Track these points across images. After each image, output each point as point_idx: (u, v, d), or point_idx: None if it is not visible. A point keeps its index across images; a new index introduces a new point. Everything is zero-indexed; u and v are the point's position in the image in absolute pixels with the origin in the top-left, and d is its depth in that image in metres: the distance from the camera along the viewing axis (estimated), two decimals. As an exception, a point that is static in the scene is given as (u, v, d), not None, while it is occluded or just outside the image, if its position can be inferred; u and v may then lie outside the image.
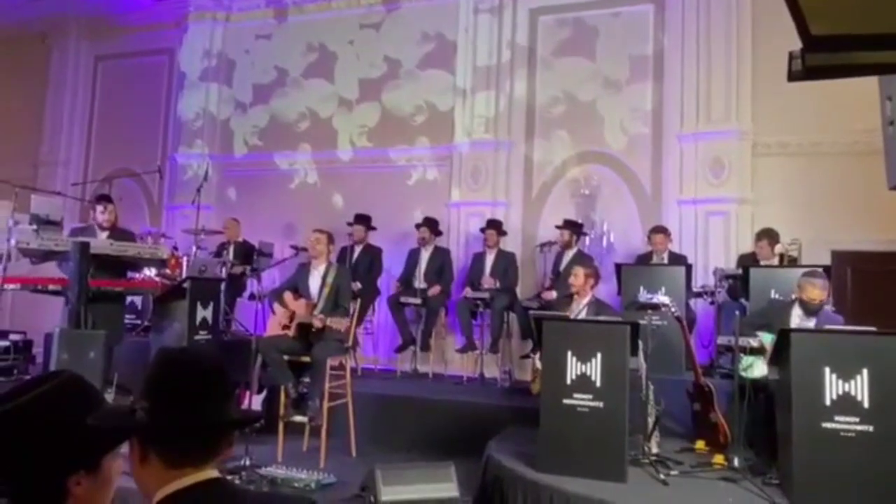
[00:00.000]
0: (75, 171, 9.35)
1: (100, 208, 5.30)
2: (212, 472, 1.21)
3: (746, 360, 3.99)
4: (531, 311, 4.80)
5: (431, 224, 6.83)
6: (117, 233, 5.37)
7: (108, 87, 9.65)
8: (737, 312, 4.02)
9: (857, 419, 3.20)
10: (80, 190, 7.60)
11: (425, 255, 6.73)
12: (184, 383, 1.20)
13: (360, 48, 8.34)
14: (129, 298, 5.96)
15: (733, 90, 6.73)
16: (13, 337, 5.84)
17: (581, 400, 3.53)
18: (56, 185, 8.42)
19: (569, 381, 3.57)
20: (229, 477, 3.76)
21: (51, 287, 4.66)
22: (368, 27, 8.34)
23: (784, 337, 3.48)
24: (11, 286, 4.61)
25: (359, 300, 5.60)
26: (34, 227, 4.64)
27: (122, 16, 9.21)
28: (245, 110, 8.85)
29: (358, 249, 6.89)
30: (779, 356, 3.56)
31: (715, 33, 6.83)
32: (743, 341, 4.01)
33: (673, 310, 4.24)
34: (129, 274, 5.27)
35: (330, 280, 5.12)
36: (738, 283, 5.43)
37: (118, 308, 5.15)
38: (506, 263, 6.56)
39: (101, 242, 4.78)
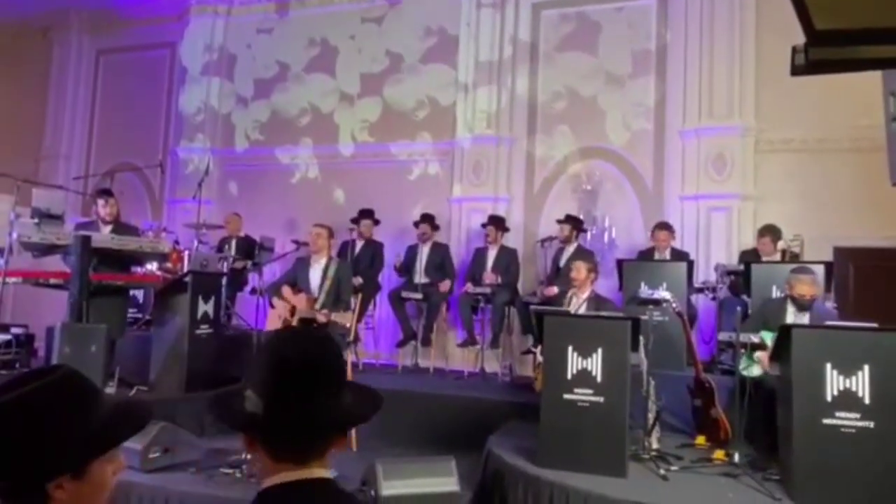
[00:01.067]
0: (77, 165, 9.36)
1: (101, 202, 5.30)
2: (322, 472, 1.15)
3: (746, 359, 3.98)
4: (532, 307, 4.80)
5: (430, 220, 6.83)
6: (120, 227, 5.37)
7: (109, 80, 9.64)
8: (738, 308, 4.02)
9: (857, 415, 3.20)
10: (82, 184, 7.61)
11: (425, 250, 6.73)
12: (297, 377, 1.13)
13: (361, 42, 8.32)
14: (131, 292, 5.96)
15: (736, 86, 6.71)
16: (15, 330, 5.84)
17: (582, 395, 3.54)
18: (58, 178, 8.45)
19: (569, 377, 3.57)
20: (230, 470, 3.78)
21: (52, 281, 4.67)
22: (370, 21, 8.32)
23: (785, 333, 3.48)
24: (13, 280, 4.62)
25: (360, 295, 5.60)
26: (36, 220, 4.64)
27: (124, 9, 9.20)
28: (246, 105, 8.84)
29: (360, 244, 6.89)
30: (780, 352, 3.56)
31: (718, 28, 6.80)
32: (744, 338, 4.01)
33: (674, 305, 4.23)
34: (132, 268, 5.27)
35: (331, 274, 5.13)
36: (740, 279, 5.42)
37: (120, 302, 5.15)
38: (507, 259, 6.56)
39: (102, 236, 4.79)
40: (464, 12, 7.81)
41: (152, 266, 5.47)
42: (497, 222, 6.68)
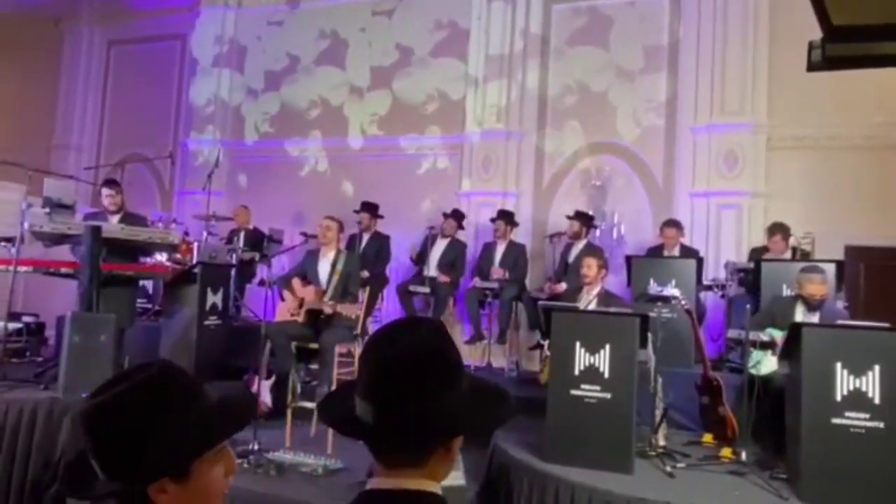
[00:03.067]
0: (88, 156, 9.42)
1: (105, 192, 5.32)
2: (424, 484, 1.05)
3: (756, 355, 3.96)
4: (540, 302, 4.79)
5: (459, 217, 6.82)
6: (129, 217, 5.40)
7: (120, 71, 9.68)
8: (747, 306, 3.98)
9: (867, 415, 3.17)
10: (93, 174, 7.64)
11: (441, 244, 6.72)
12: (406, 379, 1.03)
13: (372, 35, 8.30)
14: (140, 283, 5.99)
15: (749, 82, 6.65)
16: (26, 319, 5.90)
17: (589, 391, 3.53)
18: (69, 168, 8.48)
19: (577, 372, 3.56)
20: (238, 461, 3.80)
21: (63, 270, 4.69)
22: (381, 14, 8.29)
23: (795, 331, 3.46)
24: (24, 269, 4.64)
25: (368, 288, 5.61)
26: (47, 210, 4.66)
27: (135, 0, 9.21)
28: (256, 97, 8.85)
29: (366, 237, 6.90)
30: (789, 351, 3.54)
31: (731, 24, 6.74)
32: (753, 335, 3.99)
33: (683, 303, 4.21)
34: (141, 258, 5.30)
35: (340, 267, 5.13)
36: (750, 276, 5.38)
37: (130, 292, 5.17)
38: (516, 254, 6.54)
39: (112, 227, 4.81)
40: (475, 5, 7.77)
41: (162, 257, 5.50)
42: (507, 217, 6.67)
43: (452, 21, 7.94)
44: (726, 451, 3.86)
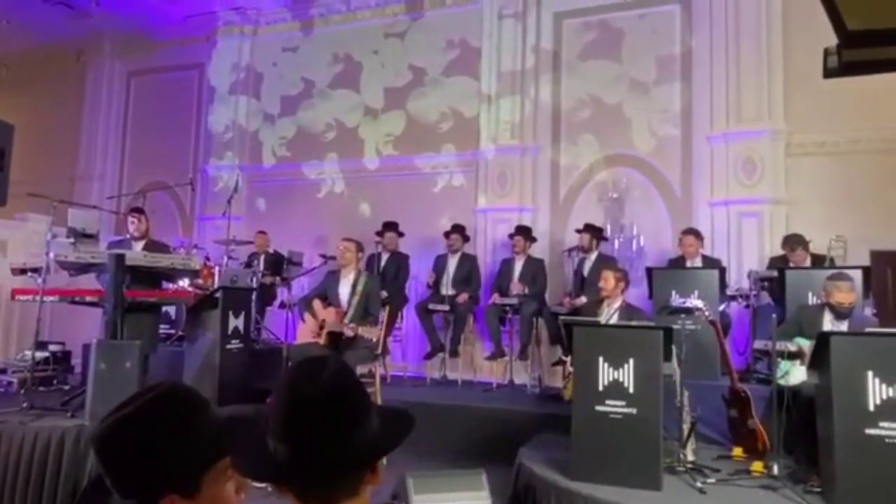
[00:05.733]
0: (111, 185, 9.61)
1: (131, 219, 5.45)
2: None
3: (784, 366, 3.89)
4: (561, 317, 4.75)
5: (461, 231, 6.85)
6: (152, 244, 5.49)
7: (141, 101, 9.89)
8: (773, 316, 3.91)
9: (903, 425, 3.09)
10: (116, 203, 7.78)
11: (453, 261, 6.74)
12: (321, 418, 1.04)
13: (384, 57, 8.41)
14: (163, 308, 6.06)
15: (764, 89, 6.60)
16: (52, 347, 5.99)
17: (614, 406, 3.48)
18: (92, 198, 8.66)
19: (601, 388, 3.52)
20: (259, 484, 3.79)
21: (88, 298, 4.76)
22: (393, 36, 8.40)
23: (823, 341, 3.39)
24: (51, 298, 4.73)
25: (387, 308, 5.62)
26: (72, 240, 4.76)
27: (154, 32, 9.45)
28: (273, 122, 8.98)
29: (385, 257, 6.92)
30: (818, 361, 3.47)
31: (744, 31, 6.72)
32: (780, 346, 3.91)
33: (707, 314, 4.15)
34: (164, 284, 5.37)
35: (360, 288, 5.15)
36: (774, 285, 5.30)
37: (153, 318, 5.24)
38: (534, 269, 6.52)
39: (135, 254, 4.88)
40: (485, 24, 7.84)
41: (184, 282, 5.56)
42: (525, 232, 6.66)
43: (464, 40, 8.02)
44: (757, 465, 3.77)
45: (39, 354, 5.65)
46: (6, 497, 3.90)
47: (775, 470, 3.58)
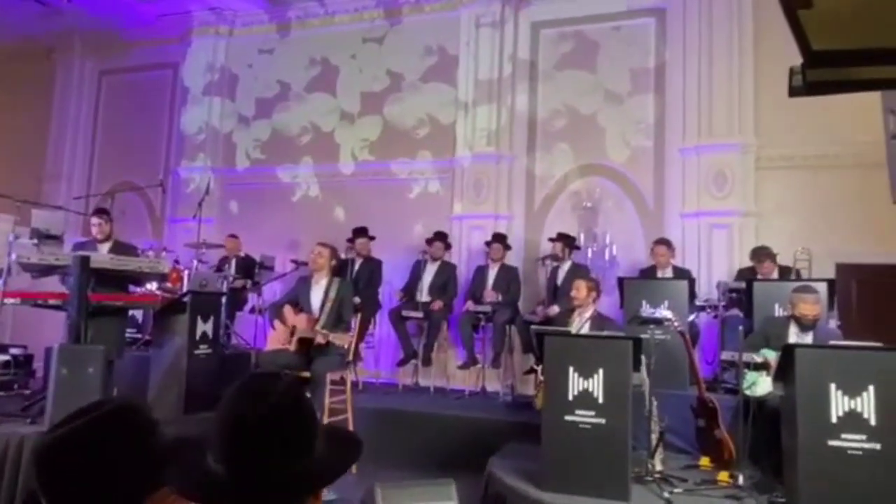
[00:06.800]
0: (79, 185, 9.39)
1: (94, 220, 5.34)
2: None
3: (750, 377, 3.94)
4: (532, 326, 4.76)
5: (443, 238, 6.84)
6: (119, 247, 5.37)
7: (111, 101, 9.70)
8: (740, 327, 3.97)
9: (863, 437, 3.15)
10: (83, 204, 7.61)
11: (431, 268, 6.72)
12: (256, 439, 1.00)
13: (362, 62, 8.37)
14: (130, 312, 5.93)
15: (735, 103, 6.73)
16: (13, 351, 5.83)
17: (583, 416, 3.49)
18: (59, 198, 8.46)
19: (571, 398, 3.53)
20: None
21: (51, 301, 4.64)
22: (371, 41, 8.38)
23: (788, 352, 3.45)
24: (12, 300, 4.59)
25: (360, 314, 5.57)
26: (35, 241, 4.63)
27: (127, 31, 9.27)
28: (248, 124, 8.88)
29: (358, 262, 6.87)
30: (783, 372, 3.52)
31: (717, 46, 6.84)
32: (747, 357, 3.97)
33: (676, 324, 4.20)
34: (131, 288, 5.26)
35: (333, 294, 5.10)
36: (742, 297, 5.38)
37: (119, 322, 5.13)
38: (508, 277, 6.53)
39: (101, 257, 4.77)
40: (463, 31, 7.86)
41: (152, 286, 5.45)
42: (502, 240, 6.67)
43: (442, 47, 8.03)
44: (723, 475, 3.82)
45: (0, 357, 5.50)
46: (-40, 505, 3.78)
47: (741, 480, 3.64)
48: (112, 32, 9.30)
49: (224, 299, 5.91)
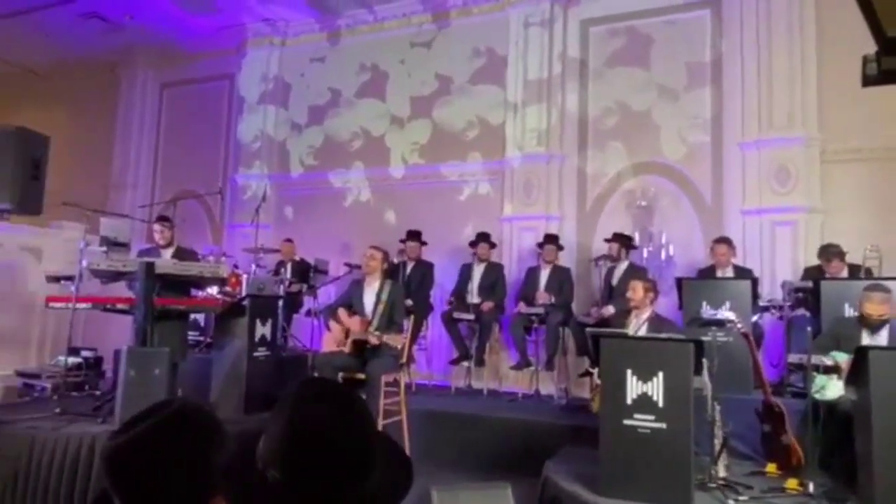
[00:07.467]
0: (143, 194, 9.78)
1: (156, 227, 5.55)
2: None
3: (820, 380, 3.77)
4: (588, 328, 4.68)
5: (487, 238, 6.82)
6: (181, 252, 5.57)
7: (172, 112, 10.09)
8: (808, 328, 3.80)
9: (946, 444, 2.96)
10: (148, 212, 7.93)
11: (478, 270, 6.72)
12: (326, 460, 1.00)
13: (410, 66, 8.44)
14: (191, 316, 6.14)
15: (797, 95, 6.46)
16: (85, 353, 6.10)
17: (643, 421, 3.40)
18: (125, 207, 8.84)
19: (629, 401, 3.44)
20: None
21: (119, 306, 4.84)
22: (419, 45, 8.43)
23: (861, 355, 3.28)
24: (83, 305, 4.82)
25: (412, 317, 5.60)
26: (104, 248, 4.84)
27: (186, 44, 9.62)
28: (301, 131, 9.07)
29: (410, 265, 6.92)
30: (856, 375, 3.35)
31: (776, 36, 6.58)
32: (816, 359, 3.80)
33: (739, 326, 4.05)
34: (192, 292, 5.44)
35: (384, 297, 5.15)
36: (809, 296, 5.15)
37: (182, 326, 5.29)
38: (561, 278, 6.45)
39: (165, 263, 4.95)
40: (512, 32, 7.83)
41: (213, 290, 5.62)
42: (554, 241, 6.60)
43: (490, 48, 8.01)
44: (792, 482, 3.66)
45: (72, 360, 5.77)
46: (38, 499, 3.97)
47: (811, 487, 3.48)
48: (172, 46, 9.67)
49: (281, 302, 6.05)
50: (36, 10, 8.50)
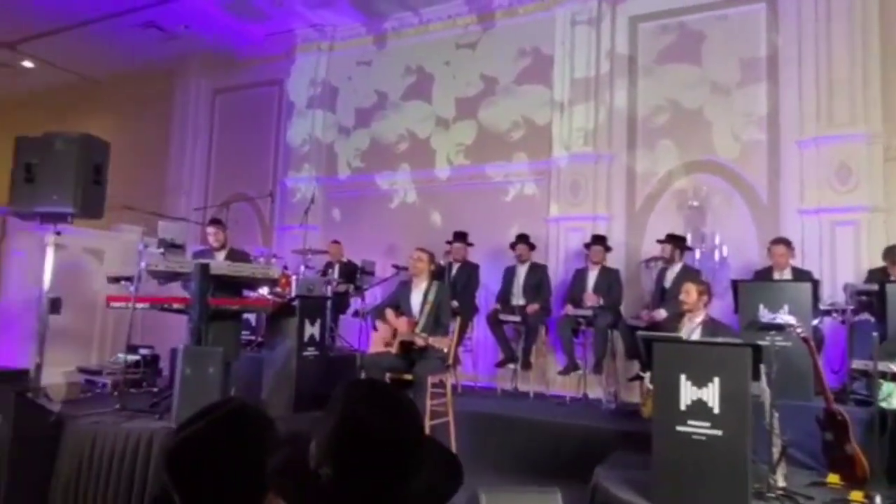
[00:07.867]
0: (197, 197, 10.08)
1: (210, 230, 5.71)
2: None
3: (887, 388, 3.60)
4: (639, 332, 4.58)
5: (526, 240, 6.77)
6: (233, 253, 5.71)
7: (225, 117, 10.37)
8: (874, 334, 3.63)
9: None
10: (202, 214, 8.16)
11: (522, 271, 6.68)
12: (375, 459, 1.02)
13: (456, 68, 8.45)
14: (244, 316, 6.28)
15: (859, 90, 6.18)
16: (143, 351, 6.30)
17: (697, 427, 3.30)
18: (180, 210, 9.13)
19: (683, 407, 3.35)
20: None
21: (175, 306, 4.99)
22: (465, 47, 8.43)
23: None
24: (141, 305, 4.99)
25: (458, 318, 5.60)
26: (161, 250, 5.01)
27: (237, 51, 9.88)
28: (348, 134, 9.20)
29: (455, 267, 6.92)
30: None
31: (836, 28, 6.32)
32: (882, 366, 3.62)
33: (799, 330, 3.90)
34: (244, 293, 5.57)
35: (431, 298, 5.17)
36: (874, 300, 4.92)
37: (235, 325, 5.43)
38: (610, 280, 6.35)
39: (219, 264, 5.08)
40: (558, 31, 7.75)
41: (264, 291, 5.74)
42: (602, 242, 6.50)
43: (536, 48, 7.95)
44: (857, 495, 3.50)
45: (131, 358, 5.98)
46: (100, 493, 4.12)
47: (878, 500, 3.32)
48: (224, 53, 9.94)
49: (329, 303, 6.13)
50: (98, 21, 8.85)
